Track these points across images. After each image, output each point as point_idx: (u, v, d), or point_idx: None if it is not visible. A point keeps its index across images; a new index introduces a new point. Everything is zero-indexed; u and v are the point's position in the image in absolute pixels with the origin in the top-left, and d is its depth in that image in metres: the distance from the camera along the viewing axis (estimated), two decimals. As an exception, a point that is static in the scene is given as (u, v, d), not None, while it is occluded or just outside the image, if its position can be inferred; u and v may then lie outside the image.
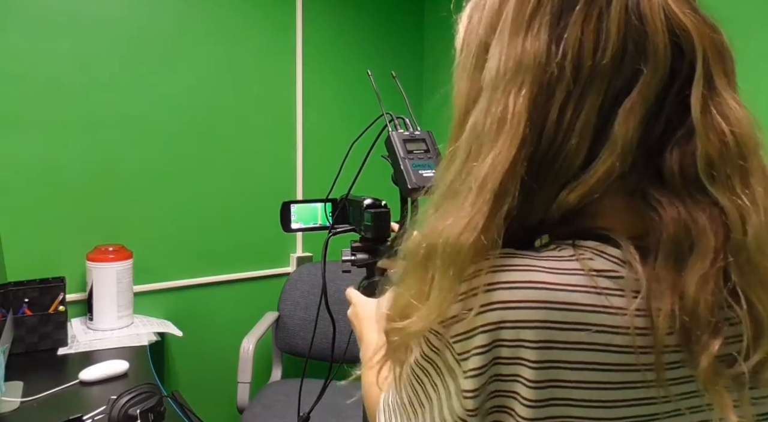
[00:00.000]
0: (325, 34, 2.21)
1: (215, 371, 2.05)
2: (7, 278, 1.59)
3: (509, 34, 0.41)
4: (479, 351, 0.38)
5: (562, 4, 0.40)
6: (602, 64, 0.38)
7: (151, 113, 1.85)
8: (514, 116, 0.39)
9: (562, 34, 0.39)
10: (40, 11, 1.64)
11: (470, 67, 0.44)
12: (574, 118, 0.39)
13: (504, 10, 0.42)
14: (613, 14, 0.38)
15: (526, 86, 0.39)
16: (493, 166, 0.38)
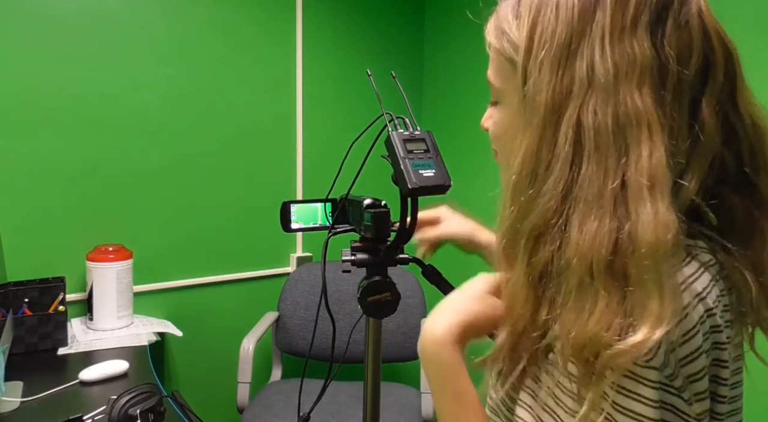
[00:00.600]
0: (325, 34, 2.21)
1: (215, 371, 2.05)
2: (7, 278, 1.59)
3: (610, 37, 0.44)
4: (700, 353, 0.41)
5: (657, 14, 0.44)
6: (694, 67, 0.44)
7: (151, 113, 1.85)
8: (647, 113, 0.42)
9: (663, 41, 0.44)
10: (41, 11, 1.64)
11: (552, 63, 0.46)
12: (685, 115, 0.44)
13: (594, 13, 0.45)
14: (693, 25, 0.44)
15: (645, 85, 0.43)
16: (656, 161, 0.41)
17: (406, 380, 1.98)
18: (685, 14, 0.44)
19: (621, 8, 0.44)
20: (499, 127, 0.57)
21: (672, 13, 0.44)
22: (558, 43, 0.46)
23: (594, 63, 0.44)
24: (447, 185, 0.67)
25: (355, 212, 0.84)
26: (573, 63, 0.45)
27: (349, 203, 0.86)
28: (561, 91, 0.45)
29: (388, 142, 0.74)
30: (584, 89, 0.44)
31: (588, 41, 0.44)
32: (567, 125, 0.44)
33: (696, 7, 0.45)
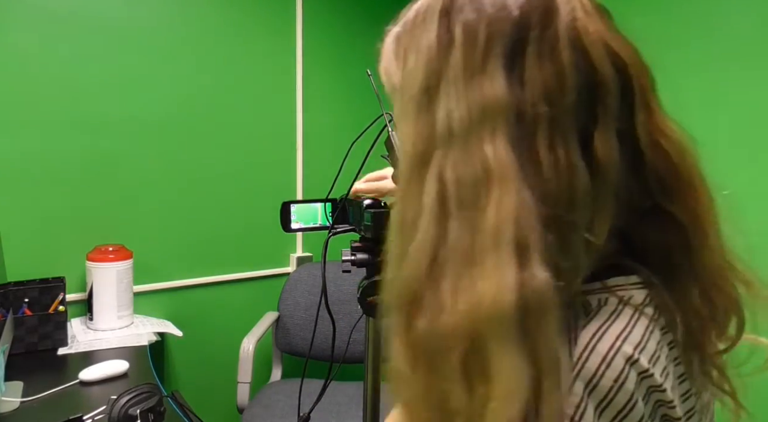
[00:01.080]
0: (325, 34, 2.21)
1: (215, 371, 2.05)
2: (7, 278, 1.59)
3: (463, 81, 0.39)
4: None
5: (512, 46, 0.39)
6: (569, 99, 0.38)
7: (151, 113, 1.85)
8: (499, 162, 0.37)
9: (522, 75, 0.38)
10: (41, 12, 1.64)
11: (413, 111, 0.42)
12: (568, 156, 0.38)
13: (450, 56, 0.40)
14: (563, 51, 0.38)
15: (499, 130, 0.38)
16: (498, 219, 0.36)
17: (406, 380, 1.98)
18: (549, 40, 0.39)
19: (471, 45, 0.39)
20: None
21: (531, 42, 0.39)
22: (419, 89, 0.41)
23: (451, 110, 0.39)
24: None
25: (355, 212, 0.84)
26: (434, 110, 0.40)
27: (349, 203, 0.86)
28: (424, 139, 0.40)
29: (388, 142, 0.74)
30: (445, 139, 0.39)
31: (445, 86, 0.40)
32: (431, 177, 0.39)
33: (566, 25, 0.39)
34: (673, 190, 0.41)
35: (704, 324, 0.41)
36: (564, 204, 0.37)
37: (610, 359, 0.37)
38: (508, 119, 0.38)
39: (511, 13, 0.39)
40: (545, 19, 0.39)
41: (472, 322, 0.35)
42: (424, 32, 0.42)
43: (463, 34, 0.40)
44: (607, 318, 0.39)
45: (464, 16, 0.40)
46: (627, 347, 0.37)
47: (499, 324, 0.34)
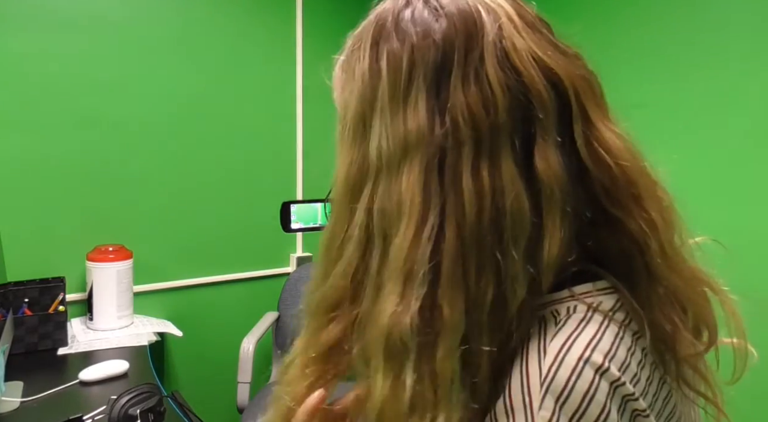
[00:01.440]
0: (325, 34, 2.20)
1: (215, 371, 2.05)
2: (7, 278, 1.59)
3: (389, 112, 0.39)
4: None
5: (435, 73, 0.39)
6: (498, 120, 0.38)
7: (151, 113, 1.85)
8: (409, 196, 0.38)
9: (446, 102, 0.38)
10: (41, 12, 1.64)
11: (349, 140, 0.42)
12: (496, 176, 0.37)
13: (378, 85, 0.40)
14: (489, 72, 0.38)
15: (416, 163, 0.38)
16: (396, 251, 0.38)
17: (406, 380, 1.98)
18: (473, 63, 0.38)
19: (394, 77, 0.39)
20: None
21: (455, 66, 0.38)
22: (353, 119, 0.42)
23: (380, 141, 0.40)
24: None
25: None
26: (367, 140, 0.41)
27: None
28: (356, 170, 0.41)
29: None
30: (374, 171, 0.40)
31: (376, 114, 0.40)
32: (360, 209, 0.41)
33: (492, 45, 0.38)
34: (619, 198, 0.40)
35: (674, 328, 0.39)
36: (489, 227, 0.37)
37: (579, 370, 0.35)
38: (428, 150, 0.38)
39: (434, 40, 0.39)
40: (469, 41, 0.39)
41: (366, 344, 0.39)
42: (357, 61, 0.42)
43: (388, 64, 0.40)
44: (576, 327, 0.38)
45: (390, 45, 0.40)
46: (597, 356, 0.36)
47: (375, 347, 0.38)
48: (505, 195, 0.37)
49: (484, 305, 0.37)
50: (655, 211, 0.41)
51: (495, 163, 0.38)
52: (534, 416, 0.34)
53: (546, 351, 0.36)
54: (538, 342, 0.37)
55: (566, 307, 0.40)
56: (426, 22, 0.39)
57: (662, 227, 0.41)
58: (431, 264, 0.37)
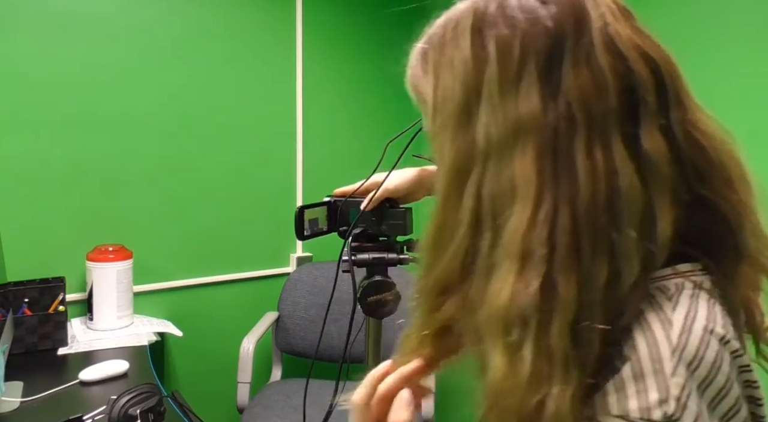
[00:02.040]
0: (325, 34, 2.21)
1: (215, 371, 2.05)
2: (7, 278, 1.59)
3: (499, 97, 0.40)
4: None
5: (547, 59, 0.40)
6: (610, 103, 0.39)
7: (151, 113, 1.85)
8: (523, 179, 0.39)
9: (558, 87, 0.39)
10: (41, 12, 1.64)
11: (453, 128, 0.43)
12: (609, 157, 0.39)
13: (485, 71, 0.41)
14: (599, 57, 0.39)
15: (529, 148, 0.39)
16: (512, 232, 0.39)
17: (406, 380, 1.98)
18: (584, 48, 0.40)
19: (505, 60, 0.40)
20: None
21: (567, 53, 0.40)
22: (456, 104, 0.43)
23: (489, 126, 0.41)
24: None
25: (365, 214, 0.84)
26: (473, 125, 0.42)
27: (352, 204, 0.86)
28: (463, 156, 0.42)
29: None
30: (483, 156, 0.41)
31: (483, 102, 0.41)
32: (468, 193, 0.42)
33: (600, 31, 0.40)
34: (711, 181, 0.42)
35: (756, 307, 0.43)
36: (604, 207, 0.38)
37: (707, 340, 0.37)
38: (542, 134, 0.39)
39: (544, 26, 0.40)
40: (579, 27, 0.40)
41: (479, 323, 0.40)
42: (455, 49, 0.43)
43: (497, 49, 0.41)
44: (691, 302, 0.40)
45: (497, 31, 0.41)
46: (718, 328, 0.38)
47: (491, 325, 0.39)
48: (618, 175, 0.38)
49: (598, 283, 0.38)
50: (744, 194, 0.43)
51: (607, 145, 0.39)
52: (668, 381, 0.36)
53: (671, 322, 0.38)
54: (657, 314, 0.39)
55: (674, 284, 0.41)
56: (533, 9, 0.41)
57: (752, 209, 0.43)
58: (548, 244, 0.38)
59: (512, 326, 0.38)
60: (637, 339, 0.38)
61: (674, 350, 0.37)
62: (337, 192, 0.88)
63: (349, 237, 0.82)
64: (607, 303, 0.38)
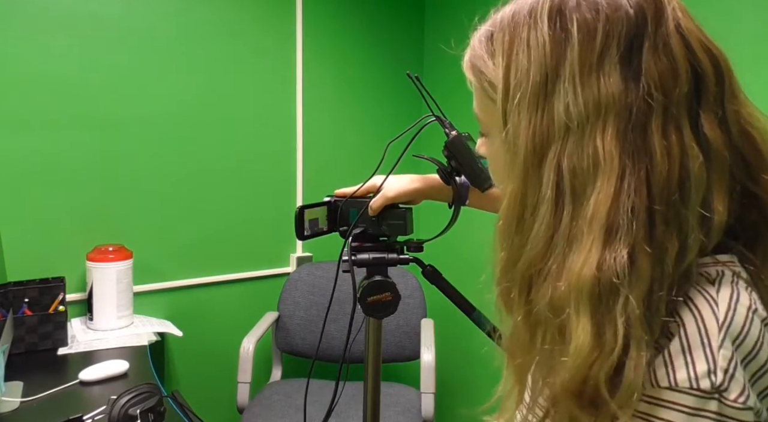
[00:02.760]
0: (325, 34, 2.21)
1: (215, 371, 2.05)
2: (7, 278, 1.59)
3: (580, 76, 0.43)
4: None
5: (628, 43, 0.42)
6: (683, 89, 0.42)
7: (151, 113, 1.85)
8: (606, 155, 0.41)
9: (638, 71, 0.42)
10: (41, 12, 1.64)
11: (530, 106, 0.45)
12: (681, 140, 0.41)
13: (566, 52, 0.43)
14: (674, 46, 0.42)
15: (610, 125, 0.42)
16: (596, 206, 0.41)
17: (406, 380, 1.98)
18: (661, 37, 0.42)
19: (588, 44, 0.43)
20: (491, 161, 0.57)
21: (647, 39, 0.42)
22: (533, 84, 0.45)
23: (568, 104, 0.43)
24: None
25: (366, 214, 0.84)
26: (550, 104, 0.44)
27: (352, 205, 0.86)
28: (541, 133, 0.44)
29: (455, 143, 0.76)
30: (562, 131, 0.43)
31: (562, 81, 0.43)
32: (549, 169, 0.44)
33: (673, 22, 0.43)
34: (759, 173, 0.44)
35: None
36: (676, 186, 0.41)
37: (751, 319, 0.40)
38: (621, 113, 0.42)
39: (626, 13, 0.43)
40: (658, 17, 0.43)
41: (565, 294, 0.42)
42: (532, 30, 0.45)
43: (580, 32, 0.43)
44: (732, 286, 0.42)
45: (580, 15, 0.43)
46: (761, 310, 0.41)
47: (578, 294, 0.41)
48: (689, 157, 0.41)
49: (670, 257, 0.41)
50: None
51: (679, 128, 0.42)
52: (715, 354, 0.38)
53: (717, 301, 0.41)
54: (701, 294, 0.42)
55: (715, 270, 0.44)
56: None
57: None
58: (632, 217, 0.40)
59: (602, 295, 0.40)
60: (683, 316, 0.41)
61: (721, 326, 0.39)
62: (338, 192, 0.88)
63: (349, 238, 0.82)
64: (674, 277, 0.41)
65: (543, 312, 0.44)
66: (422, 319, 2.00)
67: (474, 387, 2.30)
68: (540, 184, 0.44)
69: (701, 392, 0.38)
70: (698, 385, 0.38)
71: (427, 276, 0.83)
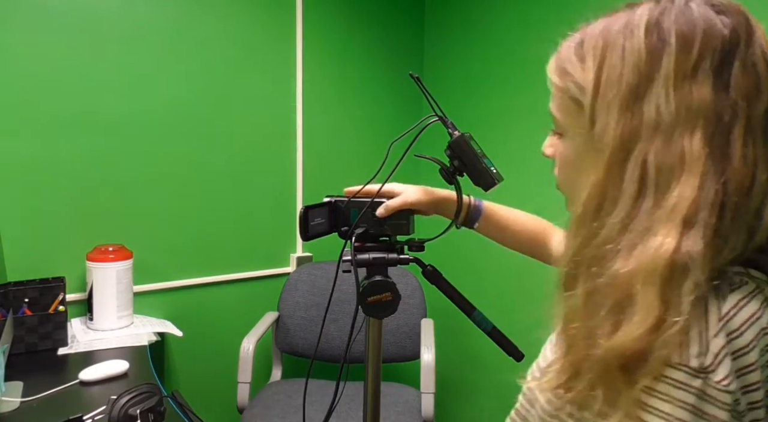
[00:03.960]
0: (325, 35, 2.21)
1: (215, 371, 2.05)
2: (7, 278, 1.59)
3: (674, 82, 0.47)
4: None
5: (721, 57, 0.47)
6: (763, 105, 0.47)
7: (151, 113, 1.85)
8: (693, 155, 0.46)
9: (728, 83, 0.47)
10: (41, 11, 1.64)
11: (620, 106, 0.49)
12: (755, 151, 0.47)
13: (662, 59, 0.48)
14: (759, 64, 0.48)
15: (699, 128, 0.46)
16: (680, 199, 0.46)
17: (406, 380, 1.98)
18: (750, 56, 0.47)
19: (685, 55, 0.48)
20: (561, 160, 0.61)
21: (738, 57, 0.47)
22: (626, 86, 0.49)
23: (659, 106, 0.48)
24: (501, 178, 0.76)
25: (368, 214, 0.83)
26: (641, 106, 0.49)
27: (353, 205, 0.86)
28: (629, 131, 0.49)
29: (459, 143, 0.77)
30: (650, 131, 0.48)
31: (655, 86, 0.48)
32: (634, 164, 0.48)
33: (759, 47, 0.48)
34: None
35: None
36: (744, 191, 0.46)
37: (751, 323, 0.45)
38: (710, 119, 0.46)
39: (721, 32, 0.48)
40: (749, 39, 0.48)
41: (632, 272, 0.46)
42: (627, 39, 0.50)
43: (678, 43, 0.48)
44: (748, 294, 0.47)
45: (679, 28, 0.48)
46: (763, 320, 0.46)
47: (651, 273, 0.45)
48: (759, 168, 0.47)
49: (726, 250, 0.46)
50: None
51: (755, 141, 0.47)
52: (709, 340, 0.44)
53: (726, 298, 0.46)
54: (714, 291, 0.46)
55: (740, 278, 0.48)
56: (711, 17, 0.48)
57: None
58: (707, 212, 0.45)
59: (673, 275, 0.44)
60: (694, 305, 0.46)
61: (720, 319, 0.45)
62: (347, 191, 0.88)
63: (351, 237, 0.82)
64: (717, 270, 0.46)
65: (604, 286, 0.48)
66: (422, 319, 2.00)
67: (474, 387, 2.31)
68: (623, 177, 0.49)
69: (690, 369, 0.43)
70: (688, 363, 0.43)
71: (427, 276, 0.83)
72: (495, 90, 2.15)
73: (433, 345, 1.82)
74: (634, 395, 0.45)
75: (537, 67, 2.27)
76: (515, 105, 2.05)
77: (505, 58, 2.09)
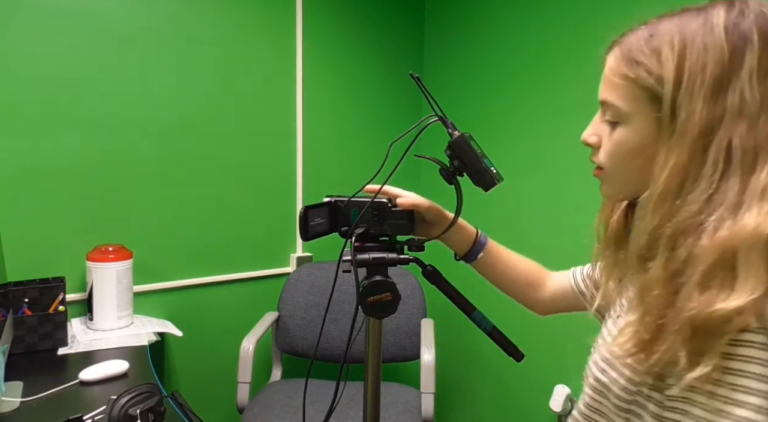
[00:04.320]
0: (325, 35, 2.21)
1: (215, 371, 2.05)
2: (7, 278, 1.59)
3: (757, 74, 0.53)
4: None
5: None
6: None
7: (152, 113, 1.85)
8: None
9: None
10: (41, 11, 1.64)
11: (704, 96, 0.54)
12: None
13: (745, 53, 0.53)
14: None
15: None
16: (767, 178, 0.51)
17: (406, 380, 1.98)
18: None
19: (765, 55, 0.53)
20: (619, 146, 0.63)
21: None
22: (711, 77, 0.54)
23: (744, 96, 0.53)
24: (501, 178, 0.77)
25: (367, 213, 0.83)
26: (725, 95, 0.53)
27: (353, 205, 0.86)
28: (713, 118, 0.54)
29: (459, 143, 0.77)
30: (734, 118, 0.53)
31: (739, 78, 0.53)
32: (717, 147, 0.53)
33: None
34: None
35: None
36: None
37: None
38: None
39: None
40: None
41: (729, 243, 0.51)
42: (708, 35, 0.55)
43: (761, 40, 0.53)
44: None
45: (759, 27, 0.54)
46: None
47: (752, 245, 0.50)
48: None
49: None
50: None
51: None
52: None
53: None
54: None
55: None
56: None
57: None
58: None
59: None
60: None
61: None
62: (368, 188, 0.88)
63: (351, 237, 0.82)
64: None
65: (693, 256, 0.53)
66: (422, 319, 2.00)
67: (474, 387, 2.30)
68: (705, 159, 0.54)
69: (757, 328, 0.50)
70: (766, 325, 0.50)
71: (427, 276, 0.83)
72: (495, 90, 2.15)
73: (433, 345, 1.82)
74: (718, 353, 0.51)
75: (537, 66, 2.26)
76: (515, 105, 2.05)
77: (505, 58, 2.09)
